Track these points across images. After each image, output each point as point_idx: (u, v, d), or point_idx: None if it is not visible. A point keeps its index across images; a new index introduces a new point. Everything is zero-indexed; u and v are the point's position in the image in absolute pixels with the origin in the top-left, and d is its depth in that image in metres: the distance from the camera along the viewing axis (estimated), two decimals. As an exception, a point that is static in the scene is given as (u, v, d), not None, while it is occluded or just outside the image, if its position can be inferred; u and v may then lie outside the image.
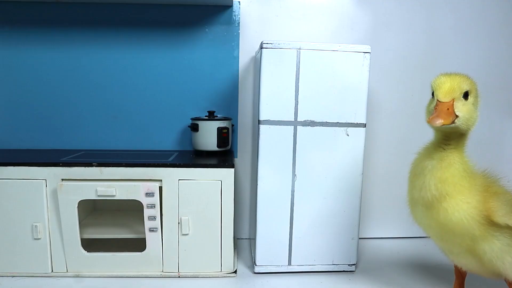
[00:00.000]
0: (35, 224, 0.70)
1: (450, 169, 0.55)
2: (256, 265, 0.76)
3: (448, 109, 0.53)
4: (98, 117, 0.92)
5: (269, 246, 0.75)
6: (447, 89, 0.53)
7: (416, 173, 0.58)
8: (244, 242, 0.95)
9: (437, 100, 0.54)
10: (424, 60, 0.95)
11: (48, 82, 0.90)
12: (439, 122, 0.52)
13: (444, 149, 0.57)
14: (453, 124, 0.53)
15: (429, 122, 0.53)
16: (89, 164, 0.70)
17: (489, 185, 0.58)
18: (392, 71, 0.95)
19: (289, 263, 0.76)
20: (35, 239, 0.71)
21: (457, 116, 0.53)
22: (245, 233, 0.97)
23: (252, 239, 0.83)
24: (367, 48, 0.71)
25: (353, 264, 0.78)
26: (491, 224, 0.55)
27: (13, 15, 0.88)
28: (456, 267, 0.69)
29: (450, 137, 0.57)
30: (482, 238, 0.55)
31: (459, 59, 0.96)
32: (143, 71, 0.91)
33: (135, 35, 0.90)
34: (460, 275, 0.69)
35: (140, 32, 0.90)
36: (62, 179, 0.70)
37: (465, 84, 0.54)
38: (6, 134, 0.91)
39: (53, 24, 0.89)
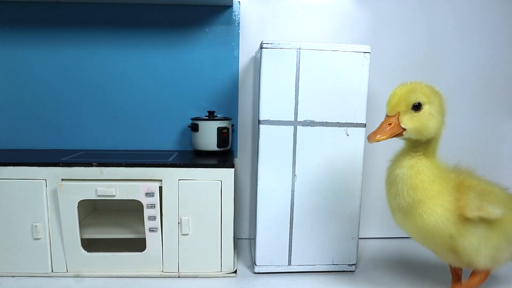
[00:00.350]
0: (35, 224, 0.70)
1: (419, 176, 0.57)
2: (256, 265, 0.76)
3: (389, 124, 0.55)
4: (98, 117, 0.92)
5: (269, 246, 0.75)
6: (393, 103, 0.56)
7: (390, 181, 0.60)
8: (244, 242, 0.95)
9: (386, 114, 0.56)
10: (424, 60, 0.95)
11: (48, 82, 0.90)
12: (371, 139, 0.55)
13: (413, 156, 0.58)
14: (402, 136, 0.56)
15: (367, 138, 0.55)
16: (89, 164, 0.70)
17: (461, 181, 0.59)
18: (392, 71, 0.95)
19: (289, 263, 0.76)
20: (35, 239, 0.71)
21: (405, 129, 0.55)
22: (245, 233, 0.97)
23: (252, 239, 0.83)
24: (367, 48, 0.71)
25: (353, 264, 0.78)
26: (466, 220, 0.57)
27: (13, 15, 0.88)
28: (450, 266, 0.70)
29: (416, 144, 0.58)
30: (460, 235, 0.57)
31: (459, 59, 0.96)
32: (143, 71, 0.91)
33: (135, 35, 0.90)
34: (455, 273, 0.70)
35: (140, 32, 0.90)
36: (62, 179, 0.70)
37: (415, 96, 0.55)
38: (6, 134, 0.91)
39: (53, 24, 0.89)
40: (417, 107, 0.55)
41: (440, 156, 0.63)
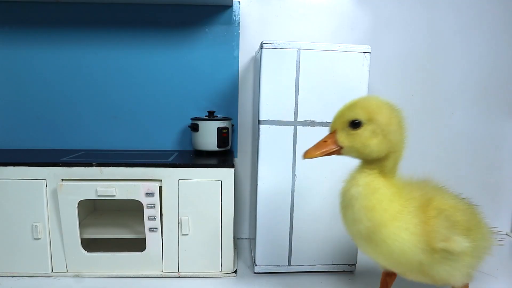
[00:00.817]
0: (35, 224, 0.70)
1: (376, 195, 0.51)
2: (256, 265, 0.76)
3: (325, 141, 0.52)
4: (98, 117, 0.92)
5: (269, 246, 0.75)
6: (333, 119, 0.53)
7: (345, 204, 0.54)
8: (244, 242, 0.95)
9: None
10: (424, 60, 0.95)
11: (48, 82, 0.90)
12: (305, 156, 0.52)
13: (368, 174, 0.53)
14: (341, 154, 0.53)
15: (302, 155, 0.52)
16: (89, 164, 0.70)
17: (428, 201, 0.53)
18: (392, 71, 0.95)
19: (289, 263, 0.76)
20: (35, 239, 0.71)
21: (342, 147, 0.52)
22: (245, 233, 0.97)
23: (252, 239, 0.83)
24: (367, 48, 0.71)
25: (353, 264, 0.78)
26: (436, 249, 0.51)
27: (13, 15, 0.88)
28: (383, 275, 0.67)
29: (370, 162, 0.53)
30: (431, 263, 0.52)
31: (459, 59, 0.96)
32: (143, 71, 0.91)
33: (135, 35, 0.90)
34: (385, 282, 0.67)
35: (140, 32, 0.90)
36: (62, 179, 0.70)
37: (353, 113, 0.51)
38: (6, 134, 0.91)
39: (53, 24, 0.89)
40: (355, 124, 0.50)
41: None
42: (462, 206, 0.55)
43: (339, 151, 0.52)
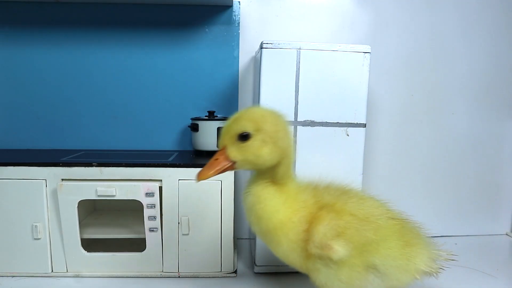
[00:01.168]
0: (35, 224, 0.70)
1: (260, 205, 0.53)
2: (256, 265, 0.76)
3: (217, 159, 0.51)
4: (98, 117, 0.92)
5: (269, 246, 0.75)
6: (221, 136, 0.52)
7: (245, 208, 0.56)
8: (244, 242, 0.95)
9: None
10: (424, 60, 0.95)
11: (48, 82, 0.90)
12: (198, 178, 0.51)
13: (259, 184, 0.54)
14: (235, 168, 0.52)
15: (195, 177, 0.51)
16: (89, 164, 0.70)
17: (323, 208, 0.52)
18: (392, 71, 0.95)
19: (289, 263, 0.76)
20: (35, 239, 0.71)
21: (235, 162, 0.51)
22: (245, 233, 0.97)
23: (252, 239, 0.82)
24: (367, 48, 0.71)
25: (353, 264, 0.77)
26: (316, 256, 0.51)
27: (13, 15, 0.88)
28: None
29: (262, 171, 0.53)
30: (317, 270, 0.52)
31: (459, 59, 0.96)
32: (143, 71, 0.91)
33: (135, 35, 0.90)
34: None
35: (140, 32, 0.90)
36: (62, 179, 0.70)
37: (239, 126, 0.50)
38: (6, 134, 0.91)
39: (53, 24, 0.89)
40: (244, 137, 0.50)
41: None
42: (371, 215, 0.53)
43: (232, 166, 0.52)
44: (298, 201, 0.54)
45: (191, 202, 0.72)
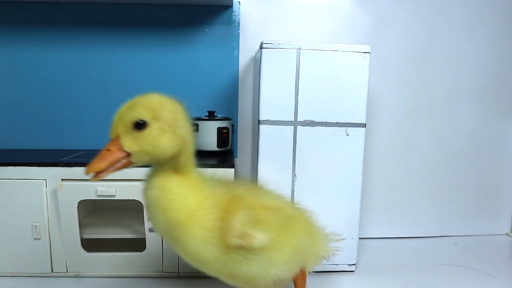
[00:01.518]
0: (35, 224, 0.70)
1: (167, 194, 0.48)
2: (256, 265, 0.76)
3: (108, 150, 0.46)
4: (98, 117, 0.92)
5: (269, 246, 0.75)
6: (113, 124, 0.48)
7: (145, 206, 0.51)
8: (244, 242, 0.95)
9: None
10: (424, 60, 0.95)
11: (48, 82, 0.90)
12: (87, 172, 0.44)
13: (160, 175, 0.49)
14: (132, 163, 0.47)
15: (85, 172, 0.45)
16: (89, 164, 0.70)
17: (234, 198, 0.50)
18: (392, 71, 0.95)
19: (289, 263, 0.76)
20: (35, 239, 0.71)
21: (129, 153, 0.46)
22: (245, 233, 0.97)
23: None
24: (367, 48, 0.71)
25: (353, 264, 0.78)
26: (238, 247, 0.48)
27: (13, 15, 0.88)
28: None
29: (161, 162, 0.49)
30: (233, 262, 0.49)
31: (459, 59, 0.96)
32: (143, 71, 0.91)
33: (135, 35, 0.90)
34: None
35: (140, 32, 0.90)
36: (62, 179, 0.70)
37: (134, 113, 0.46)
38: (6, 134, 0.91)
39: (53, 24, 0.89)
40: (140, 125, 0.46)
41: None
42: (280, 206, 0.54)
43: (128, 161, 0.46)
44: (206, 188, 0.51)
45: (191, 202, 0.72)
